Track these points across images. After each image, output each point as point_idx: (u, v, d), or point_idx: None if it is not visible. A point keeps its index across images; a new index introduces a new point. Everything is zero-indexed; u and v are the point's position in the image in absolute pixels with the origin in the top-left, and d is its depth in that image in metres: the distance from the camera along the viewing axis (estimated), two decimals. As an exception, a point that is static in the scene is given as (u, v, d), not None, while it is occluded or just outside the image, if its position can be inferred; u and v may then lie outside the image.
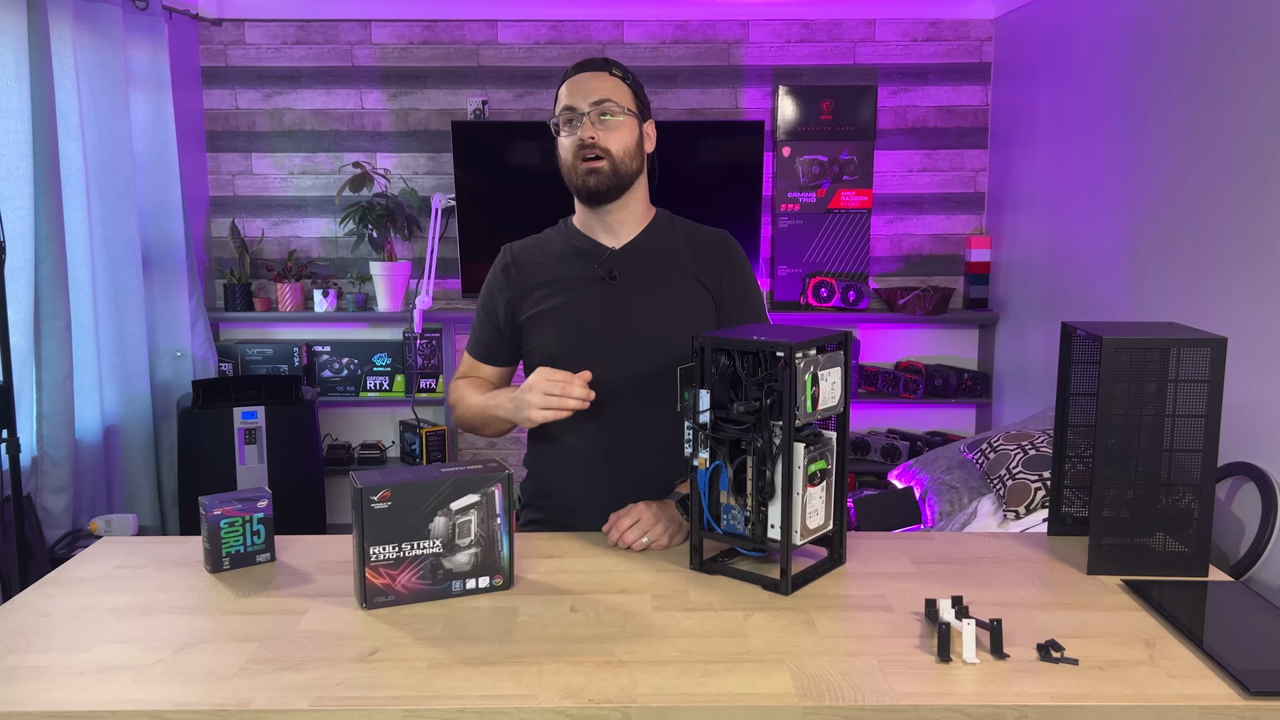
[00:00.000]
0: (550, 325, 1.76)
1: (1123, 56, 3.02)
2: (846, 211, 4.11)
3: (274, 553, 1.56)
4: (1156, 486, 1.45)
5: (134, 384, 3.51)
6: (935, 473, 3.11)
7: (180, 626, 1.31)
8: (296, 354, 4.22)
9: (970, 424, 4.30)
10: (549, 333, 1.75)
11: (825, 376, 1.41)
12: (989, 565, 1.52)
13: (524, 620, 1.32)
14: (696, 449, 1.44)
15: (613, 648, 1.24)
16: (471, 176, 3.98)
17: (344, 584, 1.45)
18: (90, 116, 3.28)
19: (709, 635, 1.27)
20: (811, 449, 1.39)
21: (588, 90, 1.70)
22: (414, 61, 4.11)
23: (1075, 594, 1.40)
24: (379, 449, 4.24)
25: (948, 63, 4.13)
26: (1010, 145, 3.95)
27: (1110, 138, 3.10)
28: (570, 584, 1.45)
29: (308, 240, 4.25)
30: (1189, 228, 2.65)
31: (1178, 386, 1.42)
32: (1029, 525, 2.48)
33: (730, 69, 4.11)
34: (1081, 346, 1.57)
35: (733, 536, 1.46)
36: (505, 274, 1.83)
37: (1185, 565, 1.45)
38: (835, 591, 1.41)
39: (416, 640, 1.26)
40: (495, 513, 1.40)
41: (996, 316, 4.09)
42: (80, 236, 3.21)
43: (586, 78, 1.72)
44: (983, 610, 1.34)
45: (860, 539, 1.63)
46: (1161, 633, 1.28)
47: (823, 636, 1.26)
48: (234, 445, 3.52)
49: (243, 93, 4.14)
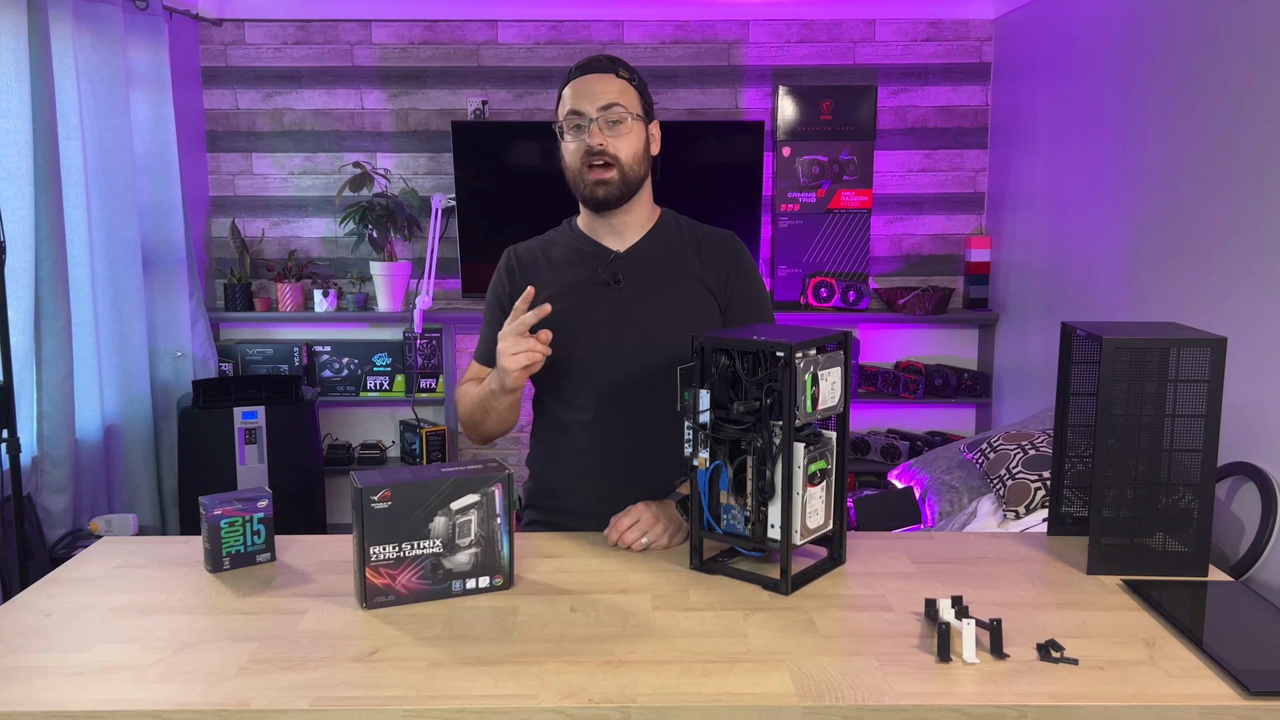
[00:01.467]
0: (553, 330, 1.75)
1: (1123, 56, 3.02)
2: (846, 211, 4.11)
3: (274, 552, 1.55)
4: (1156, 486, 1.45)
5: (134, 384, 3.51)
6: (935, 472, 3.11)
7: (180, 626, 1.31)
8: (297, 354, 4.22)
9: (970, 424, 4.30)
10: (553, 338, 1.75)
11: (825, 376, 1.41)
12: (989, 565, 1.51)
13: (524, 620, 1.32)
14: (696, 449, 1.44)
15: (613, 647, 1.24)
16: (471, 176, 3.98)
17: (344, 584, 1.45)
18: (90, 116, 3.28)
19: (709, 635, 1.27)
20: (811, 449, 1.39)
21: (595, 94, 1.67)
22: (414, 61, 4.11)
23: (1075, 594, 1.40)
24: (379, 449, 4.24)
25: (947, 63, 4.13)
26: (1010, 145, 3.95)
27: (1110, 138, 3.10)
28: (570, 584, 1.44)
29: (308, 240, 4.25)
30: (1189, 228, 2.65)
31: (1177, 386, 1.42)
32: (1029, 525, 2.48)
33: (730, 69, 4.11)
34: (1081, 346, 1.57)
35: (733, 536, 1.46)
36: (509, 277, 1.82)
37: (1185, 565, 1.45)
38: (835, 591, 1.41)
39: (416, 640, 1.26)
40: (495, 513, 1.40)
41: (996, 316, 4.09)
42: (80, 236, 3.21)
43: (593, 80, 1.69)
44: (983, 610, 1.34)
45: (860, 539, 1.63)
46: (1161, 633, 1.28)
47: (823, 636, 1.26)
48: (234, 445, 3.52)
49: (243, 93, 4.14)
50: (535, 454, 1.85)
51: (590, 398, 1.72)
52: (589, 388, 1.71)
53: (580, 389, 1.73)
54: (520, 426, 4.13)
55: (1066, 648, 1.23)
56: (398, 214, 4.09)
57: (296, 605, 1.38)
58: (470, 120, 4.05)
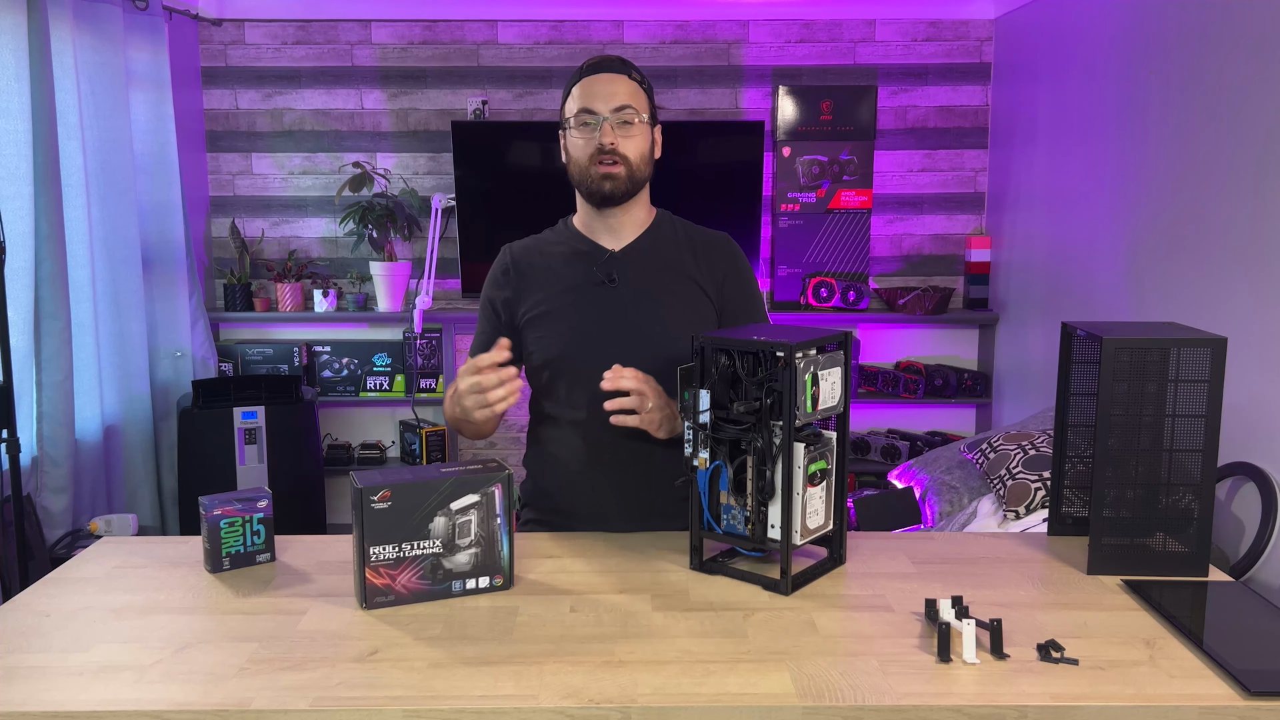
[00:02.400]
0: (548, 329, 1.75)
1: (1123, 57, 3.02)
2: (846, 211, 4.11)
3: (274, 553, 1.56)
4: (1156, 486, 1.45)
5: (134, 384, 3.51)
6: (935, 473, 3.11)
7: (180, 626, 1.31)
8: (296, 354, 4.22)
9: (970, 424, 4.30)
10: (547, 337, 1.75)
11: (825, 376, 1.41)
12: (989, 565, 1.52)
13: (524, 620, 1.32)
14: (696, 449, 1.45)
15: (613, 648, 1.24)
16: (471, 176, 3.98)
17: (344, 584, 1.45)
18: (90, 116, 3.28)
19: (709, 635, 1.27)
20: (811, 449, 1.39)
21: (608, 94, 1.69)
22: (414, 61, 4.11)
23: (1075, 594, 1.40)
24: (379, 449, 4.24)
25: (948, 63, 4.13)
26: (1010, 145, 3.95)
27: (1110, 138, 3.10)
28: (570, 584, 1.45)
29: (308, 240, 4.25)
30: (1189, 227, 2.65)
31: (1178, 386, 1.42)
32: (1029, 525, 2.48)
33: (730, 69, 4.11)
34: (1081, 346, 1.57)
35: (733, 536, 1.46)
36: (505, 275, 1.82)
37: (1185, 565, 1.45)
38: (835, 591, 1.41)
39: (416, 640, 1.26)
40: (495, 513, 1.40)
41: (996, 316, 4.09)
42: (80, 236, 3.21)
43: (606, 80, 1.70)
44: (983, 610, 1.34)
45: (860, 539, 1.63)
46: (1161, 633, 1.28)
47: (823, 636, 1.26)
48: (234, 445, 3.52)
49: (243, 93, 4.14)
50: (531, 454, 1.86)
51: (584, 397, 1.72)
52: (583, 387, 1.72)
53: (574, 388, 1.73)
54: (520, 427, 4.13)
55: (1066, 648, 1.23)
56: (397, 214, 4.09)
57: (296, 605, 1.38)
58: (470, 120, 4.05)
